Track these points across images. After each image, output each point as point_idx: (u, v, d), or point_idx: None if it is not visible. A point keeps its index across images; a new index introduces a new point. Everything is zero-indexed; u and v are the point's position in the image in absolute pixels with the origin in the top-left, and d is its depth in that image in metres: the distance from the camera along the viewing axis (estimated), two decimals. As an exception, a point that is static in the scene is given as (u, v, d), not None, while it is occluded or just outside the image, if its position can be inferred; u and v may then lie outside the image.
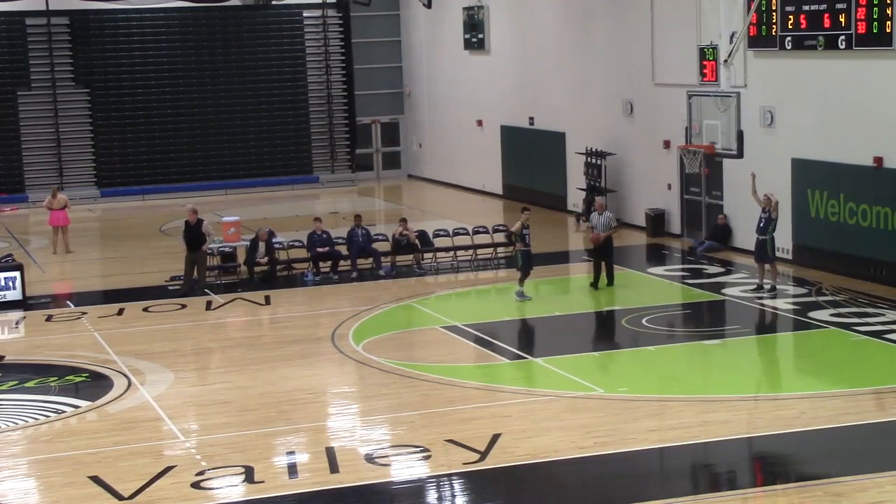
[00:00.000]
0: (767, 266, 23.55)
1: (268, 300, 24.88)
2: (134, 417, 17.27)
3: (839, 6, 23.95)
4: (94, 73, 41.60)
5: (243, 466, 14.96)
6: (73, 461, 15.43)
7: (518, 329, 22.21)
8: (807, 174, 25.58)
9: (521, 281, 23.79)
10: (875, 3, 23.14)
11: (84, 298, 25.77)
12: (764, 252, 23.43)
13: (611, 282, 24.61)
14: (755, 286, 23.58)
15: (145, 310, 24.28)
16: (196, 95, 42.49)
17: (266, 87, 43.07)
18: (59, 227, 31.22)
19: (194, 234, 25.45)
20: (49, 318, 23.86)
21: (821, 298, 22.99)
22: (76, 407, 17.85)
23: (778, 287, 23.48)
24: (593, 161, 32.56)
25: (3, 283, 24.81)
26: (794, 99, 25.91)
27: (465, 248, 28.11)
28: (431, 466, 14.84)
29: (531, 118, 36.73)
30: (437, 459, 15.02)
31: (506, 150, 38.35)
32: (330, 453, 15.30)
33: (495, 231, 28.90)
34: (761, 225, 23.49)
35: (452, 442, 15.51)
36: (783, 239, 25.63)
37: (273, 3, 42.19)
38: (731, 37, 24.92)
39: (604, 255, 24.64)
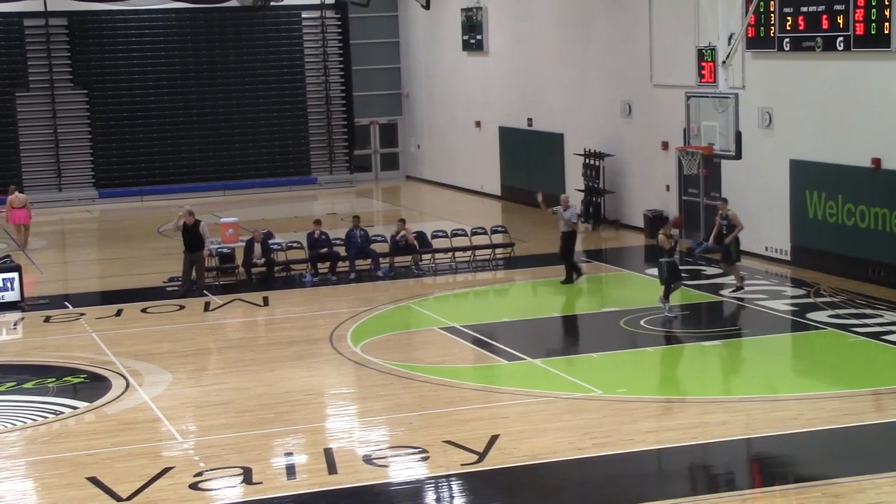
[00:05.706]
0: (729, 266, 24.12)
1: (266, 301, 24.87)
2: (132, 418, 17.26)
3: (837, 7, 23.96)
4: (92, 74, 41.60)
5: (241, 467, 14.95)
6: (71, 462, 15.42)
7: (516, 330, 22.20)
8: (805, 175, 25.58)
9: (666, 293, 22.26)
10: (873, 4, 23.15)
11: (82, 299, 25.75)
12: (728, 254, 23.91)
13: (579, 275, 25.26)
14: (734, 287, 23.90)
15: (143, 311, 24.28)
16: (194, 96, 42.50)
17: (264, 88, 43.06)
18: (19, 224, 31.91)
19: (192, 236, 25.43)
20: (47, 320, 23.84)
21: (819, 300, 22.99)
22: (74, 408, 17.84)
23: (744, 286, 23.76)
24: (591, 162, 32.56)
25: (1, 285, 24.79)
26: (793, 100, 25.91)
27: (464, 249, 28.12)
28: (430, 467, 14.83)
29: (529, 119, 36.73)
30: (436, 460, 15.01)
31: (504, 152, 38.35)
32: (328, 454, 15.30)
33: (493, 232, 28.92)
34: (724, 231, 23.88)
35: (450, 443, 15.51)
36: (782, 240, 25.71)
37: (272, 4, 42.17)
38: (730, 38, 24.87)
39: (568, 253, 25.22)
